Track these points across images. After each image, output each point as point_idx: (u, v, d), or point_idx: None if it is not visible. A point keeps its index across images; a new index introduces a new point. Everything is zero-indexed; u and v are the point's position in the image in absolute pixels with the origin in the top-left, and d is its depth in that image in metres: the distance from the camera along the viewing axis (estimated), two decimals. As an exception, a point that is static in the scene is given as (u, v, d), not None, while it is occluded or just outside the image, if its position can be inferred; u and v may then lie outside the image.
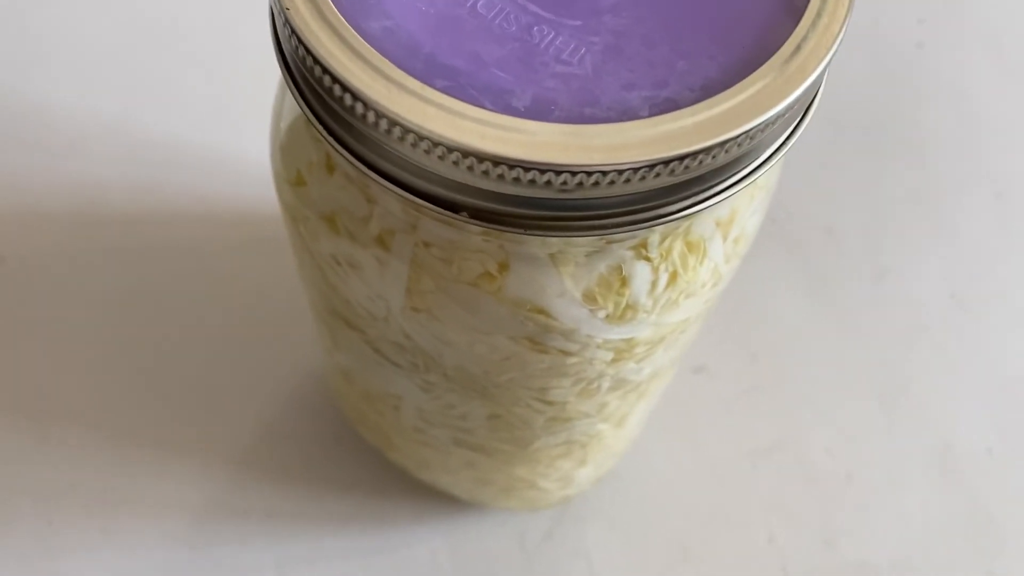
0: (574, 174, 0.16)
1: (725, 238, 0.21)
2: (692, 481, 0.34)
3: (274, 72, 0.38)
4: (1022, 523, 0.33)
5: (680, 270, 0.20)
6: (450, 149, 0.16)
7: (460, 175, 0.17)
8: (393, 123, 0.16)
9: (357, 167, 0.18)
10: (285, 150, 0.21)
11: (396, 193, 0.18)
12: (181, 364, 0.34)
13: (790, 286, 0.37)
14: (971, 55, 0.42)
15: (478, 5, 0.17)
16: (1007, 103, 0.41)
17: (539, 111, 0.17)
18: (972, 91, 0.41)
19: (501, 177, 0.16)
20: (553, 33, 0.17)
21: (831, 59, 0.17)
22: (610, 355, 0.21)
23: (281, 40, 0.18)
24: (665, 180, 0.17)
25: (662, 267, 0.20)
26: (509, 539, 0.32)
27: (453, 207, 0.18)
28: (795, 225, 0.38)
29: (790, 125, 0.18)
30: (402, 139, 0.17)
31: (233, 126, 0.38)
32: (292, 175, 0.21)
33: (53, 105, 0.38)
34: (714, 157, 0.17)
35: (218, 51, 0.40)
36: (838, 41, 0.17)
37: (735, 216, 0.21)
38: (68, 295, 0.35)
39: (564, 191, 0.17)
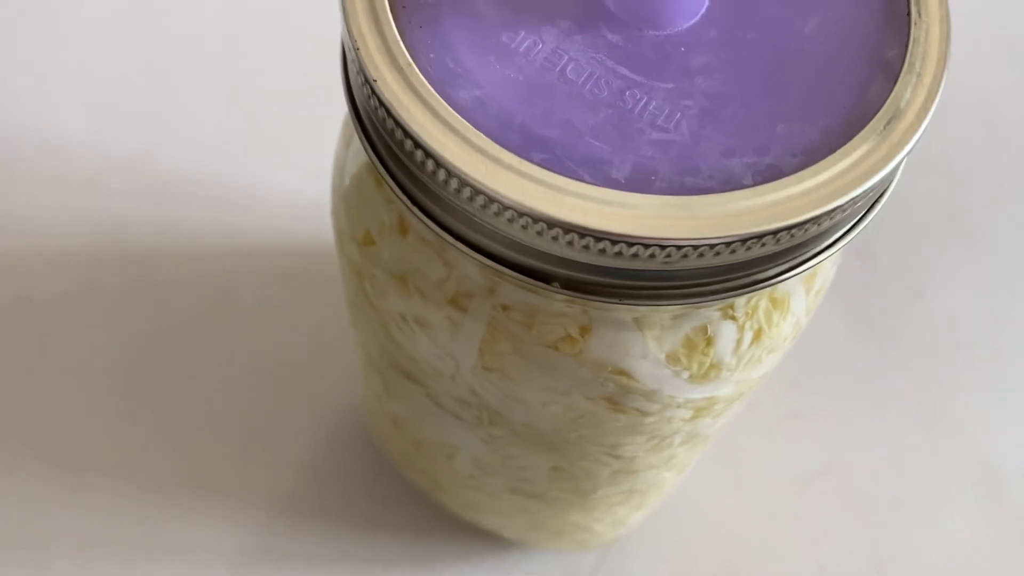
0: (679, 248, 0.16)
1: (808, 292, 0.20)
2: (738, 511, 0.33)
3: (295, 106, 0.37)
4: (1069, 544, 0.33)
5: (765, 327, 0.20)
6: (551, 225, 0.16)
7: (556, 249, 0.16)
8: (491, 200, 0.16)
9: (444, 238, 0.17)
10: (351, 208, 0.21)
11: (485, 264, 0.17)
12: (214, 404, 0.34)
13: (826, 309, 0.37)
14: (995, 63, 0.42)
15: (567, 70, 0.17)
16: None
17: (640, 182, 0.16)
18: (998, 100, 0.41)
19: (602, 252, 0.16)
20: (646, 98, 0.17)
21: (931, 118, 0.17)
22: (690, 413, 0.21)
23: (360, 107, 0.18)
24: (769, 249, 0.16)
25: (747, 325, 0.19)
26: (557, 577, 0.32)
27: (544, 277, 0.17)
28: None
29: (887, 184, 0.18)
30: (498, 214, 0.16)
31: (255, 158, 0.38)
32: (360, 234, 0.21)
33: (73, 142, 0.37)
34: (819, 225, 0.16)
35: (237, 84, 0.39)
36: (936, 101, 0.17)
37: (818, 270, 0.20)
38: (97, 336, 0.34)
39: (667, 263, 0.16)
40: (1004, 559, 0.33)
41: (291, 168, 0.37)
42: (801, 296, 0.20)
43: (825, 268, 0.20)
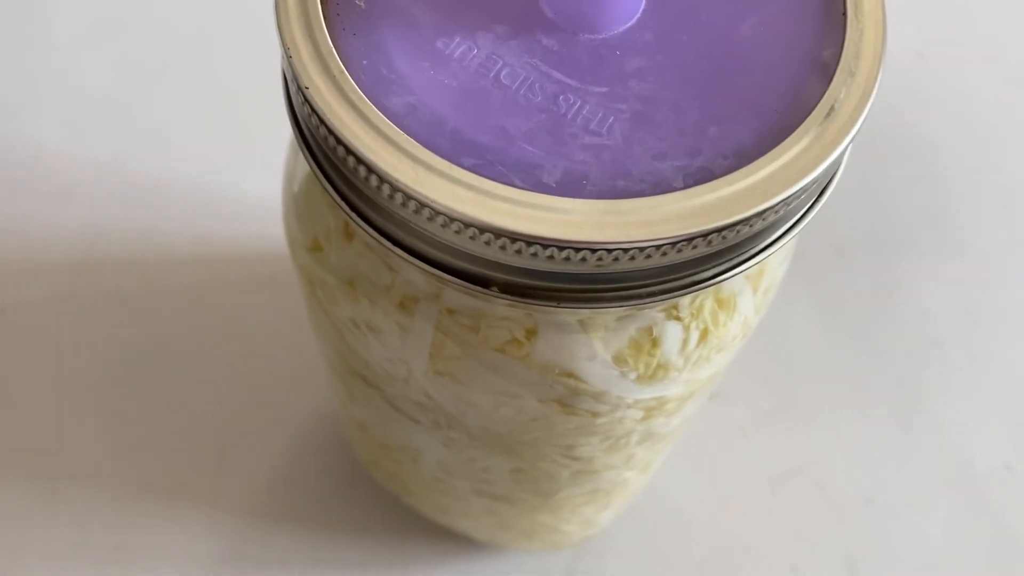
0: (610, 251, 0.16)
1: (755, 291, 0.20)
2: (711, 510, 0.33)
3: (264, 110, 0.38)
4: (1044, 540, 0.33)
5: (711, 327, 0.20)
6: (482, 230, 0.16)
7: (491, 253, 0.16)
8: (422, 205, 0.16)
9: (382, 243, 0.17)
10: (301, 214, 0.21)
11: (423, 269, 0.17)
12: (187, 411, 0.34)
13: (801, 306, 0.37)
14: (972, 62, 0.42)
15: (502, 76, 0.17)
16: (1011, 110, 0.41)
17: (571, 186, 0.16)
18: (974, 99, 0.41)
19: (535, 255, 0.16)
20: (580, 102, 0.17)
21: (865, 119, 0.17)
22: (640, 413, 0.21)
23: (298, 115, 0.18)
24: (702, 251, 0.16)
25: (693, 325, 0.19)
26: (530, 579, 0.32)
27: (483, 282, 0.17)
28: (804, 244, 0.38)
29: (824, 183, 0.18)
30: (431, 219, 0.16)
31: (227, 165, 0.38)
32: (309, 240, 0.21)
33: (45, 152, 0.37)
34: (751, 226, 0.16)
35: (207, 91, 0.39)
36: (872, 99, 0.17)
37: (765, 269, 0.20)
38: (70, 344, 0.34)
39: (599, 266, 0.16)
40: (978, 557, 0.33)
41: (264, 175, 0.37)
42: (748, 295, 0.20)
43: (772, 266, 0.20)
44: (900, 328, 0.37)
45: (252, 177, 0.37)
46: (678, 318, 0.19)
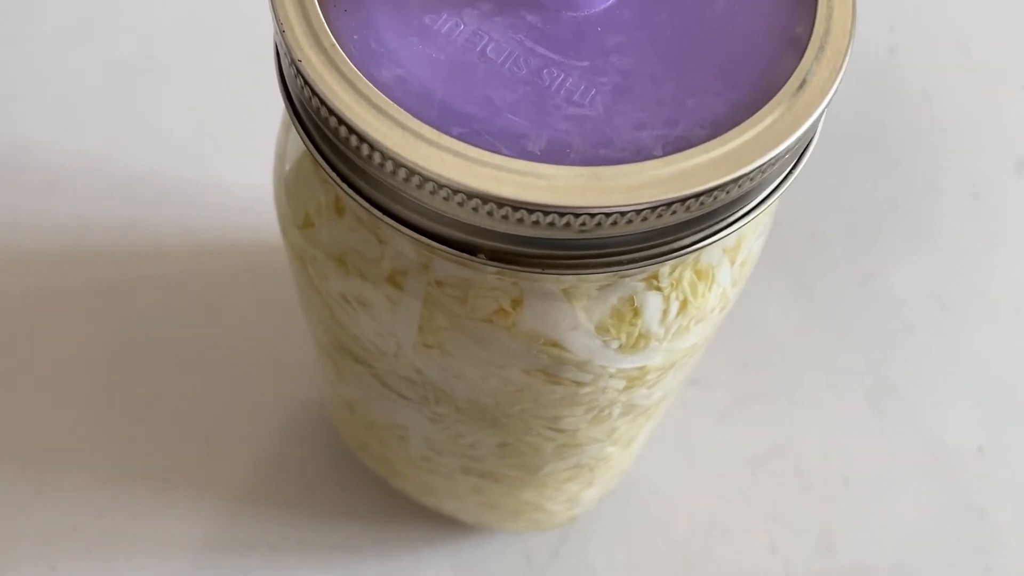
0: (592, 215, 0.16)
1: (732, 263, 0.21)
2: (692, 492, 0.34)
3: (250, 102, 0.38)
4: (1014, 517, 0.34)
5: (690, 297, 0.20)
6: (469, 196, 0.16)
7: (478, 220, 0.17)
8: (411, 172, 0.16)
9: (373, 213, 0.18)
10: (291, 192, 0.21)
11: (413, 238, 0.18)
12: (175, 399, 0.34)
13: (777, 293, 0.38)
14: (941, 59, 0.43)
15: (487, 50, 0.18)
16: (977, 105, 0.42)
17: (555, 154, 0.17)
18: (943, 95, 0.42)
19: (520, 221, 0.17)
20: (563, 75, 0.18)
21: (836, 91, 0.18)
22: (623, 383, 0.21)
23: (290, 88, 0.18)
24: (680, 216, 0.17)
25: (672, 296, 0.20)
26: (515, 560, 0.32)
27: (470, 249, 0.18)
28: (780, 232, 0.39)
29: (797, 155, 0.19)
30: (420, 187, 0.17)
31: (213, 157, 0.38)
32: (300, 218, 0.21)
33: (33, 144, 0.38)
34: (727, 193, 0.17)
35: (195, 84, 0.40)
36: (842, 73, 0.18)
37: (742, 241, 0.21)
38: (57, 335, 0.35)
39: (583, 232, 0.17)
40: (949, 535, 0.34)
41: (250, 165, 0.37)
42: (726, 268, 0.21)
43: (749, 239, 0.21)
44: (872, 314, 0.37)
45: (237, 169, 0.38)
46: (658, 288, 0.20)
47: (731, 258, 0.21)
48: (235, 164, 0.38)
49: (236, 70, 0.40)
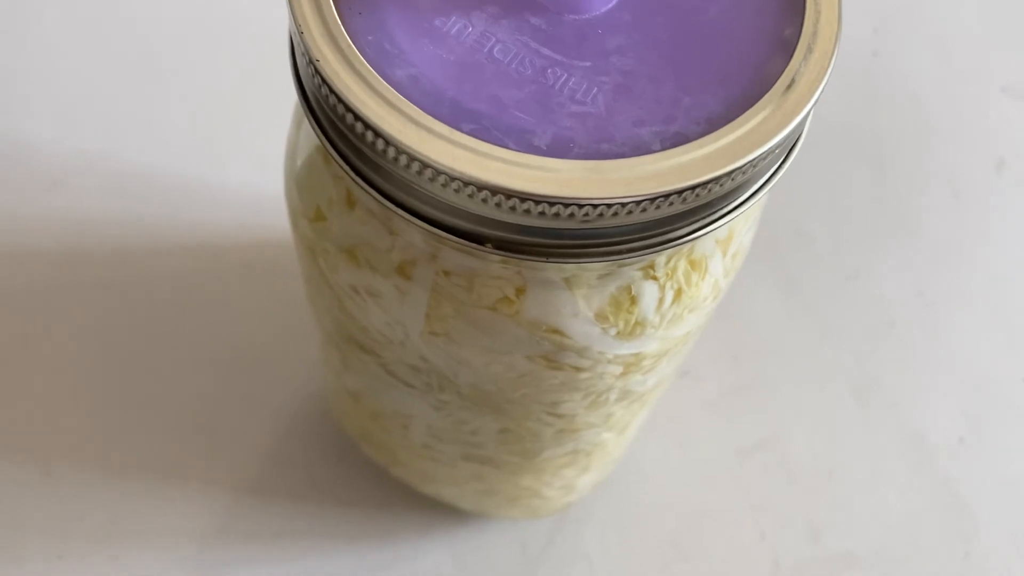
0: (595, 206, 0.17)
1: (725, 254, 0.22)
2: (683, 482, 0.35)
3: (253, 101, 0.39)
4: (994, 507, 0.35)
5: (684, 287, 0.21)
6: (479, 188, 0.17)
7: (487, 211, 0.18)
8: (425, 166, 0.17)
9: (386, 205, 0.19)
10: (303, 187, 0.22)
11: (425, 229, 0.19)
12: (179, 393, 0.35)
13: (766, 288, 0.39)
14: (923, 62, 0.44)
15: (495, 51, 0.19)
16: (958, 106, 0.43)
17: (559, 149, 0.18)
18: (925, 96, 0.43)
19: (527, 211, 0.18)
20: (566, 75, 0.19)
21: (823, 90, 0.19)
22: (620, 369, 0.22)
23: (306, 87, 0.19)
24: (676, 208, 0.18)
25: (668, 285, 0.21)
26: (512, 546, 0.33)
27: (478, 239, 0.19)
28: (768, 230, 0.40)
29: (785, 151, 0.20)
30: (433, 180, 0.18)
31: (214, 154, 0.39)
32: (311, 211, 0.22)
33: (34, 142, 0.38)
34: (721, 185, 0.18)
35: (196, 82, 0.40)
36: (828, 73, 0.19)
37: (733, 234, 0.22)
38: (61, 331, 0.35)
39: (585, 221, 0.18)
40: (932, 525, 0.35)
41: (251, 163, 0.38)
42: (718, 259, 0.22)
43: (740, 232, 0.22)
44: (857, 309, 0.39)
45: (238, 167, 0.39)
46: (654, 278, 0.21)
47: (723, 249, 0.22)
48: (236, 161, 0.39)
49: (237, 68, 0.41)
